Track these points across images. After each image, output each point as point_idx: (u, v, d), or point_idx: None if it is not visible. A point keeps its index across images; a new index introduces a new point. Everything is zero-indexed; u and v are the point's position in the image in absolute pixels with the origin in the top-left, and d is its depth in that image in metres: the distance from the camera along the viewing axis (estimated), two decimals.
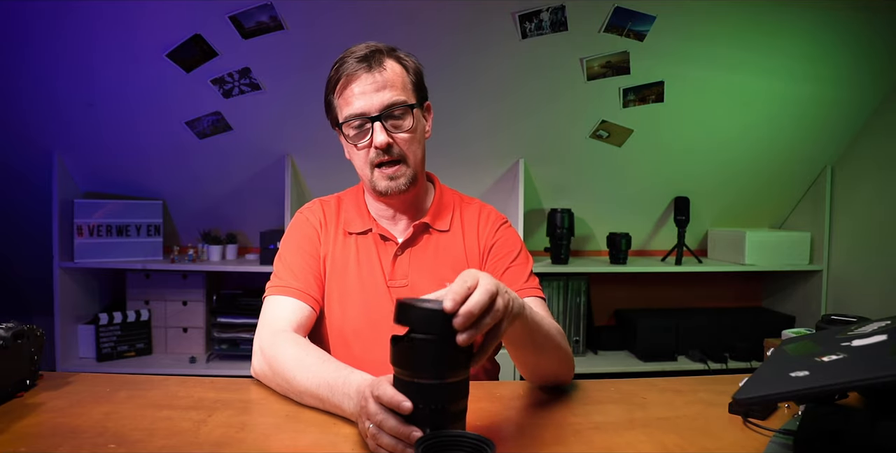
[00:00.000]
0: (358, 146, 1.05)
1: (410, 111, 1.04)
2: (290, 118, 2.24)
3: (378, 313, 1.06)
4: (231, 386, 0.95)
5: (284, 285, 1.06)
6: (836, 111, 2.35)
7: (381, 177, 1.05)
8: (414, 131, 1.05)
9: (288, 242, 1.14)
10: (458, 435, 0.64)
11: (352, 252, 1.11)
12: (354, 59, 1.02)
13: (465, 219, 1.16)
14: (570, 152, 2.44)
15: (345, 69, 1.02)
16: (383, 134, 1.01)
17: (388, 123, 1.02)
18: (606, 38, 2.07)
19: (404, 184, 1.05)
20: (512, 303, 0.72)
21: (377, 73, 1.01)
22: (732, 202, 2.70)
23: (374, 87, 1.01)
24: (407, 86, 1.05)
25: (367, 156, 1.05)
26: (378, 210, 1.14)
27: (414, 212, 1.14)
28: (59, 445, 0.70)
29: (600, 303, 2.79)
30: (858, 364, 0.64)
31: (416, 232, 1.11)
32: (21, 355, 0.87)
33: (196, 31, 1.96)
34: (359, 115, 1.02)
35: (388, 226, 1.14)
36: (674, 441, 0.75)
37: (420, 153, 1.09)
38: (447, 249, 1.12)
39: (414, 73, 1.07)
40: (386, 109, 1.01)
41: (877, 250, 2.33)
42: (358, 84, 1.01)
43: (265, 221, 2.52)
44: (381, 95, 1.01)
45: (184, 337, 2.53)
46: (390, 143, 1.02)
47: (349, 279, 1.09)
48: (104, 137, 2.25)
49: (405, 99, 1.03)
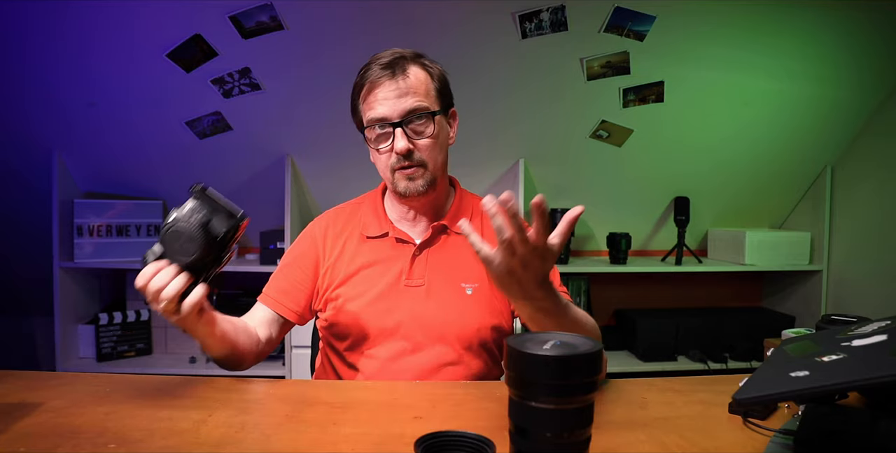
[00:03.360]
0: (380, 150, 1.07)
1: (432, 118, 1.06)
2: (290, 118, 2.24)
3: (395, 312, 1.08)
4: (231, 386, 0.95)
5: (264, 293, 1.15)
6: (836, 111, 2.35)
7: (402, 177, 1.07)
8: (435, 138, 1.07)
9: (286, 254, 1.20)
10: (458, 435, 0.64)
11: (368, 255, 1.13)
12: (378, 66, 1.04)
13: (484, 221, 1.17)
14: (570, 152, 2.44)
15: (369, 75, 1.04)
16: (404, 140, 1.03)
17: (409, 129, 1.04)
18: (606, 38, 2.07)
19: (423, 185, 1.07)
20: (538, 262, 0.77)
21: (400, 80, 1.03)
22: (732, 202, 2.70)
23: (397, 94, 1.03)
24: (430, 92, 1.06)
25: (388, 161, 1.07)
26: (399, 212, 1.16)
27: (433, 215, 1.16)
28: (59, 445, 0.70)
29: (600, 303, 2.79)
30: (858, 364, 0.64)
31: (434, 233, 1.13)
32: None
33: (196, 31, 1.96)
34: (380, 120, 1.04)
35: (408, 228, 1.15)
36: (674, 441, 0.75)
37: (441, 159, 1.10)
38: (465, 251, 1.13)
39: (438, 80, 1.09)
40: (407, 116, 1.03)
41: (877, 250, 2.33)
42: (381, 90, 1.03)
43: (265, 221, 2.52)
44: (402, 102, 1.03)
45: (184, 337, 2.52)
46: (411, 149, 1.04)
47: (365, 281, 1.11)
48: (104, 137, 2.25)
49: (427, 105, 1.05)
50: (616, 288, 2.79)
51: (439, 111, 1.07)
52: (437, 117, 1.06)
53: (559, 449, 0.56)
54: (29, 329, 2.67)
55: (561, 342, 0.58)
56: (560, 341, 0.58)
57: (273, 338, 1.11)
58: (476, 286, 1.10)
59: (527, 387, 0.56)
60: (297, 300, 1.13)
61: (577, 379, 0.55)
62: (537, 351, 0.55)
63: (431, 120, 1.05)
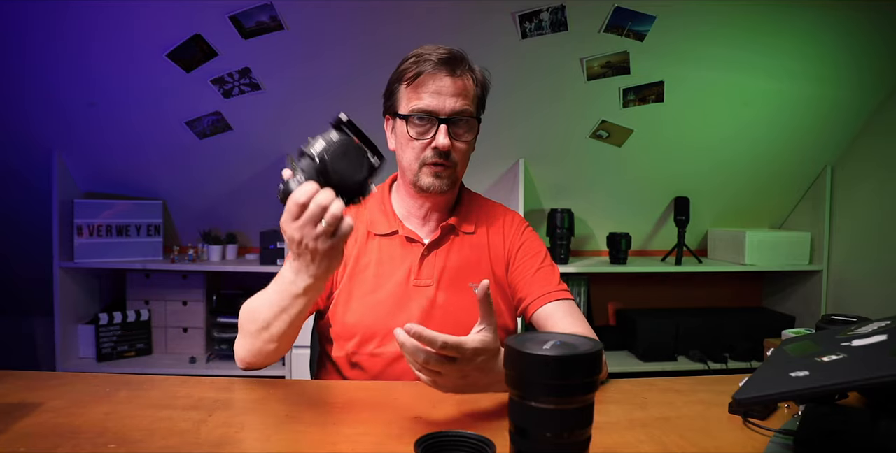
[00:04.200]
0: (417, 141, 1.06)
1: (476, 124, 1.08)
2: (290, 118, 2.24)
3: (402, 312, 1.08)
4: (231, 386, 0.95)
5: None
6: (836, 111, 2.35)
7: (429, 173, 1.07)
8: (470, 143, 1.09)
9: None
10: (459, 435, 0.64)
11: (375, 253, 1.12)
12: (437, 59, 1.04)
13: (490, 221, 1.19)
14: (570, 152, 2.44)
15: (425, 66, 1.03)
16: (447, 138, 1.04)
17: (452, 129, 1.05)
18: (606, 38, 2.07)
19: (447, 184, 1.08)
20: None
21: (459, 80, 1.05)
22: (732, 202, 2.70)
23: (452, 91, 1.04)
24: (475, 99, 1.09)
25: (420, 153, 1.06)
26: (410, 207, 1.16)
27: (443, 214, 1.16)
28: (59, 445, 0.70)
29: (600, 303, 2.79)
30: (858, 364, 0.64)
31: (442, 233, 1.13)
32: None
33: (196, 31, 1.96)
34: (428, 112, 1.04)
35: (416, 226, 1.15)
36: (674, 441, 0.75)
37: (466, 164, 1.12)
38: (472, 251, 1.14)
39: (482, 88, 1.11)
40: (456, 115, 1.04)
41: (877, 250, 2.33)
42: (436, 82, 1.04)
43: (265, 221, 2.52)
44: (455, 100, 1.04)
45: (184, 337, 2.53)
46: (450, 148, 1.05)
47: (373, 279, 1.10)
48: (104, 137, 2.25)
49: (473, 111, 1.07)
50: (616, 288, 2.79)
51: (478, 119, 1.10)
52: (478, 125, 1.09)
53: (559, 449, 0.56)
54: (29, 329, 2.67)
55: (561, 342, 0.58)
56: (560, 341, 0.58)
57: None
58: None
59: (527, 387, 0.56)
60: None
61: (576, 379, 0.55)
62: (537, 351, 0.55)
63: (474, 126, 1.08)
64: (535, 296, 1.11)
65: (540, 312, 1.10)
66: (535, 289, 1.12)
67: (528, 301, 1.12)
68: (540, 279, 1.12)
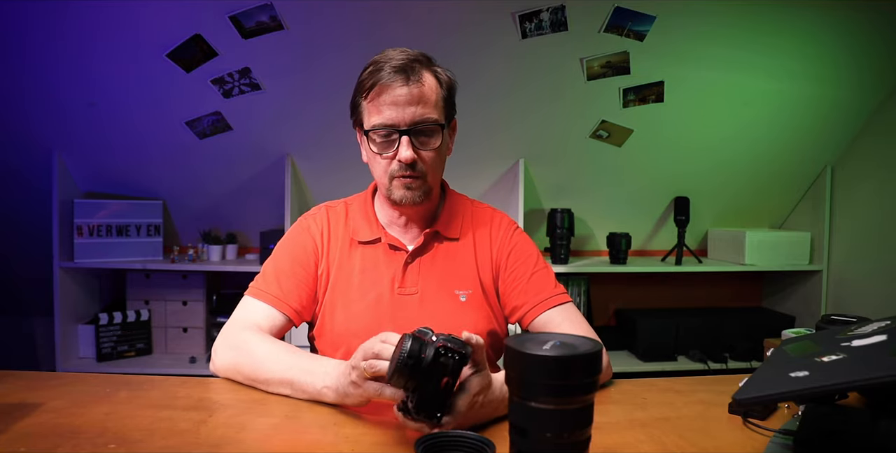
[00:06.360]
0: (382, 156, 1.03)
1: (441, 130, 1.03)
2: (290, 118, 2.24)
3: (387, 321, 1.04)
4: (231, 386, 0.95)
5: (264, 290, 1.07)
6: (836, 111, 2.35)
7: (400, 185, 1.03)
8: (438, 150, 1.04)
9: (283, 247, 1.14)
10: (458, 436, 0.64)
11: (358, 261, 1.09)
12: (391, 68, 0.98)
13: (475, 225, 1.15)
14: (570, 152, 2.44)
15: (380, 77, 0.99)
16: (410, 149, 0.99)
17: (415, 139, 1.01)
18: (606, 38, 2.07)
19: (419, 196, 1.04)
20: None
21: (414, 87, 0.99)
22: (732, 202, 2.70)
23: (408, 100, 0.99)
24: (439, 103, 1.03)
25: (388, 167, 1.03)
26: (390, 216, 1.13)
27: (425, 221, 1.13)
28: (59, 445, 0.70)
29: (600, 303, 2.79)
30: (858, 364, 0.64)
31: (426, 240, 1.10)
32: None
33: (196, 31, 1.96)
34: (388, 126, 1.00)
35: (399, 233, 1.12)
36: (674, 441, 0.75)
37: (440, 171, 1.08)
38: (457, 257, 1.11)
39: (447, 89, 1.05)
40: (416, 125, 1.00)
41: (877, 250, 2.33)
42: (391, 94, 0.99)
43: (265, 221, 2.52)
44: (413, 110, 0.99)
45: (184, 337, 2.53)
46: (415, 160, 1.01)
47: (357, 288, 1.08)
48: (104, 137, 2.25)
49: (436, 117, 1.02)
50: (616, 288, 2.79)
51: (445, 124, 1.04)
52: (444, 130, 1.04)
53: (559, 449, 0.56)
54: (29, 329, 2.67)
55: (561, 342, 0.58)
56: (560, 341, 0.58)
57: None
58: (470, 292, 1.08)
59: (527, 388, 0.56)
60: (301, 299, 1.08)
61: (576, 379, 0.55)
62: (537, 352, 0.55)
63: (439, 132, 1.03)
64: (532, 304, 1.08)
65: (537, 321, 1.07)
66: (531, 298, 1.08)
67: (525, 309, 1.08)
68: (534, 285, 1.08)
